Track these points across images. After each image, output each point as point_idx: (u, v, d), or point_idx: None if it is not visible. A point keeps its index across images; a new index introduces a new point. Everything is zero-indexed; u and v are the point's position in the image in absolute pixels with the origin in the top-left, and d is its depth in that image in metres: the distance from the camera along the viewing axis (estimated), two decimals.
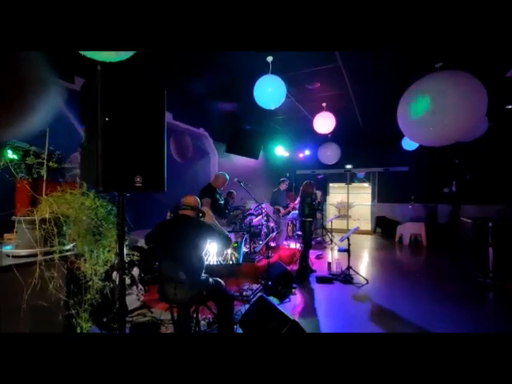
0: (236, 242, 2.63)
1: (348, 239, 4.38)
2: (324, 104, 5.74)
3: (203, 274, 2.01)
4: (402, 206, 9.14)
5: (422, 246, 7.42)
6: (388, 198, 9.58)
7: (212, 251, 2.31)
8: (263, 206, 5.15)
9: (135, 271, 3.16)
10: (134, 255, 1.75)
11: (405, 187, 9.10)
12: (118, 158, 1.46)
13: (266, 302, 2.54)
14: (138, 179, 1.52)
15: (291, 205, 6.10)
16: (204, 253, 1.97)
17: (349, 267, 4.43)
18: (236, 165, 6.90)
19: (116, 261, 1.56)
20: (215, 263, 2.27)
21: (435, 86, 3.59)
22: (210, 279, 2.06)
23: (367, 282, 4.23)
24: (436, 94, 3.56)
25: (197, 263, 1.92)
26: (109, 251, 1.60)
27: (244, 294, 3.61)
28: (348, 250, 4.43)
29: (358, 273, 4.41)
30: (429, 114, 3.63)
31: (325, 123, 5.61)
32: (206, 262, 2.32)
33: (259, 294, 2.54)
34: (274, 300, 3.47)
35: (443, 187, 8.61)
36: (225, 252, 2.49)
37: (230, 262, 2.20)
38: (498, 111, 6.01)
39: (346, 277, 4.36)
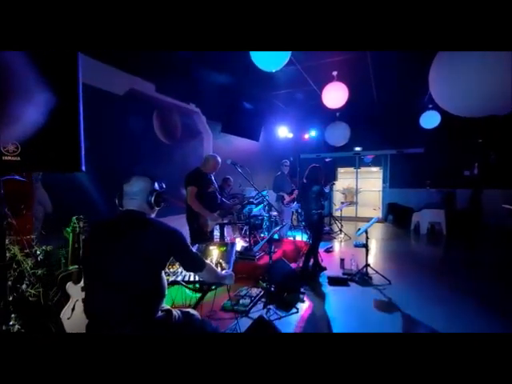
0: (225, 245, 1.90)
1: (366, 233, 3.65)
2: (335, 73, 4.88)
3: (163, 307, 1.29)
4: (417, 192, 8.35)
5: (442, 235, 6.68)
6: (401, 183, 8.77)
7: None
8: (264, 193, 4.41)
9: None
10: None
11: (420, 171, 8.27)
12: None
13: (265, 325, 1.85)
14: (12, 148, 0.78)
15: (296, 191, 5.36)
16: (165, 271, 1.24)
17: (367, 265, 3.73)
18: (234, 147, 6.11)
19: None
20: (191, 278, 1.55)
21: None
22: (175, 312, 1.32)
23: (389, 283, 3.54)
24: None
25: (150, 291, 1.19)
26: None
27: (240, 302, 2.93)
28: (366, 246, 3.71)
29: (377, 272, 3.70)
30: None
31: (336, 95, 4.78)
32: (178, 278, 1.60)
33: (258, 315, 1.85)
34: (278, 312, 2.78)
35: (464, 170, 7.79)
36: (208, 259, 1.77)
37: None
38: None
39: (363, 276, 3.67)
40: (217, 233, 4.30)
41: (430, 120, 6.71)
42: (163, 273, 1.24)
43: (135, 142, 3.93)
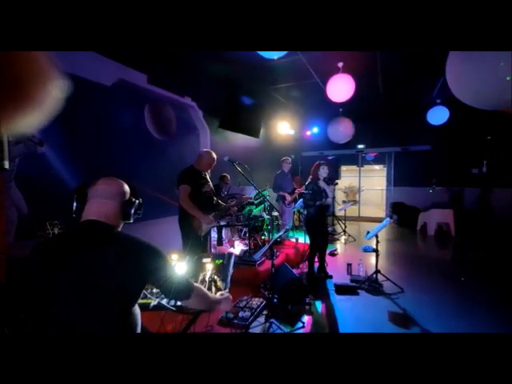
0: (221, 258, 1.59)
1: (376, 236, 3.35)
2: (340, 64, 4.56)
3: None
4: (422, 191, 8.04)
5: (451, 236, 6.38)
6: (406, 182, 8.46)
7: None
8: (265, 193, 4.10)
9: None
10: None
11: (426, 169, 7.97)
12: None
13: None
14: None
15: (297, 190, 5.06)
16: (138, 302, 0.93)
17: (377, 271, 3.42)
18: (232, 144, 5.78)
19: None
20: (169, 304, 1.23)
21: None
22: None
23: (402, 291, 3.24)
24: None
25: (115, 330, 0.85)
26: None
27: (240, 315, 2.62)
28: (376, 250, 3.40)
29: (388, 278, 3.40)
30: None
31: (342, 88, 4.48)
32: (163, 301, 1.29)
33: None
34: (282, 327, 2.48)
35: (471, 168, 7.49)
36: (200, 276, 1.46)
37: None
38: None
39: (372, 284, 3.37)
40: (214, 235, 3.99)
41: (437, 116, 6.41)
42: (136, 306, 0.92)
43: (124, 137, 3.61)
